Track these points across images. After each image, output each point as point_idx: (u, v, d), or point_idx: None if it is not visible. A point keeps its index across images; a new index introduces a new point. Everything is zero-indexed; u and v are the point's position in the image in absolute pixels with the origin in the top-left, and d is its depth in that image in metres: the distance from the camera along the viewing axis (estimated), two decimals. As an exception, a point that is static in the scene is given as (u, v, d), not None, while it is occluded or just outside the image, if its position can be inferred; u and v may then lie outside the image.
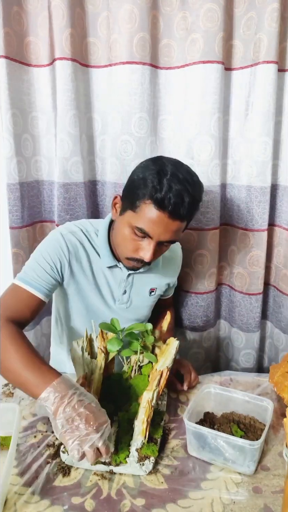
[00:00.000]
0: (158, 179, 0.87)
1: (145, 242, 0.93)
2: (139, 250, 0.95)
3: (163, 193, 0.86)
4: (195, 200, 0.91)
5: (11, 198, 1.30)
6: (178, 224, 0.91)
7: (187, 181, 0.89)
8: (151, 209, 0.88)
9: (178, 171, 0.89)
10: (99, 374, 0.91)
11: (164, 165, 0.90)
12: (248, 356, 1.51)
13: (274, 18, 1.18)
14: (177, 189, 0.87)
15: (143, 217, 0.90)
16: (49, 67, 1.27)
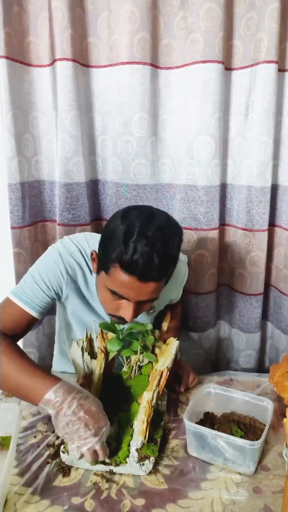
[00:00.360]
0: (123, 241, 0.80)
1: (124, 302, 0.88)
2: (120, 309, 0.90)
3: (128, 257, 0.79)
4: (166, 258, 0.83)
5: (12, 198, 1.30)
6: (153, 285, 0.84)
7: (156, 238, 0.81)
8: (119, 273, 0.83)
9: (146, 229, 0.81)
10: (99, 374, 0.91)
11: (131, 224, 0.82)
12: (248, 357, 1.51)
13: (274, 18, 1.18)
14: (144, 251, 0.79)
15: (115, 280, 0.84)
16: (50, 68, 1.28)
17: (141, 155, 1.31)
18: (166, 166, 1.38)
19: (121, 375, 0.98)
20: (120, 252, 0.80)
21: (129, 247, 0.80)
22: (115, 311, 0.91)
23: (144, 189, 1.36)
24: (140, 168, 1.33)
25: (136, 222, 0.83)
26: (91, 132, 1.36)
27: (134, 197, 1.36)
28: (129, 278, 0.82)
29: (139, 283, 0.82)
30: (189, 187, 1.35)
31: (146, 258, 0.79)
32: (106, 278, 0.87)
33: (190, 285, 1.45)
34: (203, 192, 1.33)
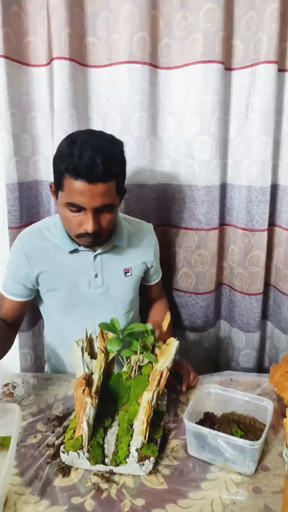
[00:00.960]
0: (68, 150, 0.90)
1: (83, 215, 0.95)
2: (82, 224, 0.96)
3: (74, 161, 0.88)
4: (109, 157, 0.90)
5: (10, 198, 1.30)
6: (102, 186, 0.91)
7: (97, 143, 0.90)
8: (70, 182, 0.90)
9: (88, 138, 0.92)
10: (99, 374, 0.91)
11: (74, 136, 0.94)
12: (248, 356, 1.51)
13: (274, 18, 1.18)
14: (87, 154, 0.88)
15: (68, 192, 0.92)
16: (47, 67, 1.27)
17: (141, 155, 1.31)
18: (165, 166, 1.38)
19: (121, 375, 0.98)
20: (67, 161, 0.89)
21: (74, 154, 0.88)
22: (78, 228, 0.97)
23: (143, 189, 1.36)
24: (140, 168, 1.33)
25: (78, 136, 0.94)
26: (90, 132, 1.36)
27: (133, 197, 1.36)
28: (79, 183, 0.89)
29: (88, 185, 0.89)
30: (189, 187, 1.35)
31: (88, 160, 0.87)
32: (62, 195, 0.95)
33: (190, 285, 1.45)
34: (203, 192, 1.33)
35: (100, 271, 1.11)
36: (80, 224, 0.96)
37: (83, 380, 0.88)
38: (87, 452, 0.81)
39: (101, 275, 1.11)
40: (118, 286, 1.14)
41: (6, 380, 1.12)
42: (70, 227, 0.99)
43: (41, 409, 1.00)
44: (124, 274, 1.15)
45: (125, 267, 1.15)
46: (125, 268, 1.15)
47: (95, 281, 1.11)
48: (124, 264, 1.14)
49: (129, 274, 1.16)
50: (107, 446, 0.84)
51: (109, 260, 1.12)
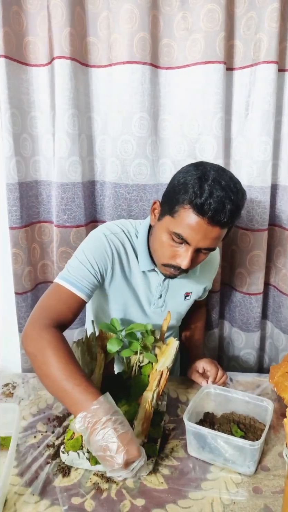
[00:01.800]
0: (199, 184, 0.85)
1: (182, 249, 0.91)
2: (176, 256, 0.92)
3: (203, 199, 0.84)
4: (237, 207, 0.88)
5: (10, 198, 1.30)
6: (218, 231, 0.88)
7: (229, 187, 0.86)
8: (189, 215, 0.86)
9: (220, 177, 0.87)
10: (99, 374, 0.91)
11: (206, 170, 0.89)
12: (248, 356, 1.51)
13: (274, 18, 1.18)
14: (218, 195, 0.84)
15: (182, 222, 0.88)
16: (48, 67, 1.27)
17: (141, 155, 1.31)
18: (166, 166, 1.38)
19: (121, 375, 0.98)
20: (195, 194, 0.85)
21: (204, 190, 0.85)
22: (170, 259, 0.94)
23: (143, 189, 1.36)
24: (141, 168, 1.33)
25: (210, 170, 0.89)
26: (89, 132, 1.36)
27: (134, 197, 1.36)
28: (199, 220, 0.86)
29: (207, 226, 0.86)
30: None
31: (219, 202, 0.84)
32: (172, 221, 0.90)
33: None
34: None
35: (165, 293, 1.11)
36: (175, 256, 0.93)
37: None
38: (87, 452, 0.81)
39: (164, 296, 1.11)
40: (176, 307, 1.14)
41: (6, 380, 1.12)
42: (162, 254, 0.95)
43: (41, 409, 1.01)
44: (184, 297, 1.15)
45: (187, 291, 1.14)
46: (187, 292, 1.15)
47: (157, 301, 1.11)
48: (187, 288, 1.14)
49: (188, 298, 1.16)
50: (107, 446, 0.83)
51: (175, 283, 1.11)
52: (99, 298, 1.13)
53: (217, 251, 1.24)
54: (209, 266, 1.18)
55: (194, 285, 1.15)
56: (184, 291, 1.14)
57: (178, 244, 0.91)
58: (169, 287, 1.11)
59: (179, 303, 1.15)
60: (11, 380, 1.12)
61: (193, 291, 1.16)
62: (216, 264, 1.23)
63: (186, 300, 1.16)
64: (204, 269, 1.16)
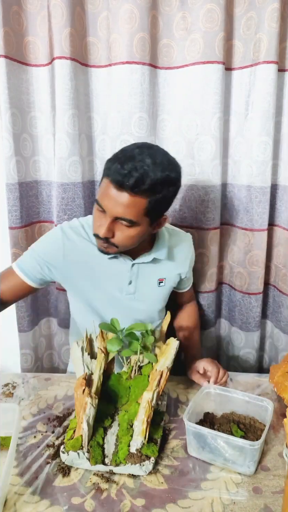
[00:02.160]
0: (119, 155, 0.90)
1: (104, 218, 0.93)
2: (98, 226, 0.95)
3: (113, 164, 0.88)
4: (145, 175, 0.86)
5: (10, 198, 1.30)
6: (127, 197, 0.88)
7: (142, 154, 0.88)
8: (104, 182, 0.91)
9: (140, 150, 0.89)
10: (99, 374, 0.91)
11: (130, 146, 0.93)
12: (248, 356, 1.51)
13: (274, 18, 1.18)
14: (127, 162, 0.86)
15: (100, 190, 0.93)
16: (48, 67, 1.27)
17: (141, 155, 1.31)
18: (166, 166, 1.38)
19: (121, 375, 0.98)
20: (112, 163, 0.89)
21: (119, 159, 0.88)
22: (96, 229, 0.96)
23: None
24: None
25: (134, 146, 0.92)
26: (89, 132, 1.36)
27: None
28: (109, 186, 0.89)
29: (115, 190, 0.88)
30: (189, 187, 1.35)
31: (125, 168, 0.86)
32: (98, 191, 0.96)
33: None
34: (203, 192, 1.33)
35: (135, 279, 1.11)
36: (98, 226, 0.95)
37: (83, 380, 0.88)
38: (87, 452, 0.81)
39: (135, 283, 1.11)
40: (150, 293, 1.14)
41: (6, 380, 1.12)
42: (93, 224, 0.98)
43: (41, 409, 1.01)
44: (158, 283, 1.14)
45: (159, 277, 1.14)
46: (160, 278, 1.14)
47: (128, 288, 1.11)
48: (159, 274, 1.14)
49: (162, 284, 1.15)
50: (107, 446, 0.84)
51: (146, 269, 1.11)
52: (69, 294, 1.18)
53: (186, 238, 1.21)
54: (179, 251, 1.16)
55: (166, 272, 1.15)
56: (157, 277, 1.14)
57: (101, 213, 0.94)
58: (139, 274, 1.11)
59: (152, 289, 1.14)
60: (11, 380, 1.12)
61: (166, 277, 1.15)
62: (187, 251, 1.20)
63: (161, 286, 1.15)
64: (174, 254, 1.15)
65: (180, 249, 1.17)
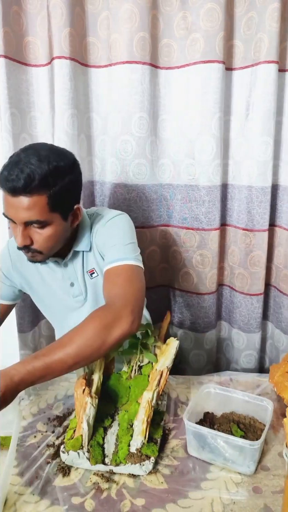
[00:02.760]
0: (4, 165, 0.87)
1: (17, 229, 0.90)
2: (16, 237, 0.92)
3: (2, 175, 0.85)
4: (34, 170, 0.84)
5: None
6: (26, 200, 0.85)
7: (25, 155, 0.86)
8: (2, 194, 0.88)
9: (22, 152, 0.87)
10: (99, 374, 0.91)
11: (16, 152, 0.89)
12: (249, 357, 1.51)
13: (274, 18, 1.18)
14: (8, 167, 0.85)
15: (3, 203, 0.90)
16: (48, 67, 1.27)
17: (141, 155, 1.31)
18: (166, 166, 1.38)
19: (121, 375, 0.98)
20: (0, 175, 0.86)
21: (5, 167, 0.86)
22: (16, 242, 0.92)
23: (143, 189, 1.36)
24: (140, 168, 1.33)
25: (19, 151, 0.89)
26: (89, 132, 1.36)
27: (133, 197, 1.36)
28: (6, 195, 0.87)
29: (12, 197, 0.86)
30: (190, 187, 1.35)
31: (8, 172, 0.84)
32: None
33: (192, 286, 1.45)
34: (204, 192, 1.33)
35: (75, 278, 1.06)
36: (16, 236, 0.92)
37: (83, 380, 0.88)
38: (87, 452, 0.81)
39: (77, 282, 1.06)
40: (93, 290, 1.07)
41: (6, 380, 1.12)
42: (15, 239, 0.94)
43: (41, 409, 1.01)
44: (90, 276, 1.06)
45: (89, 269, 1.06)
46: (89, 270, 1.06)
47: (73, 290, 1.07)
48: (87, 266, 1.06)
49: (95, 275, 1.06)
50: (107, 446, 0.84)
51: (77, 264, 1.05)
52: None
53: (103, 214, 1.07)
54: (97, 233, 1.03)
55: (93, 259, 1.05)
56: (87, 270, 1.06)
57: (14, 225, 0.91)
58: (77, 273, 1.05)
59: (91, 285, 1.06)
60: (11, 380, 1.12)
61: (95, 266, 1.05)
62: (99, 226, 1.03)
63: (94, 278, 1.05)
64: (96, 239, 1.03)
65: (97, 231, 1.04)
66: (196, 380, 1.12)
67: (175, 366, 0.92)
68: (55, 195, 0.88)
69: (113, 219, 1.03)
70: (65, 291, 1.08)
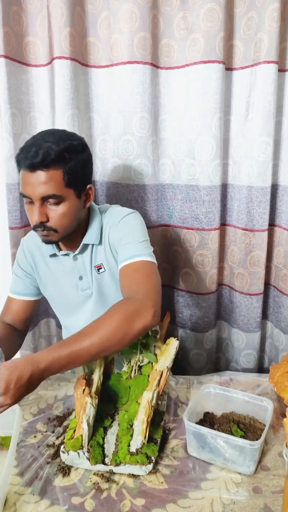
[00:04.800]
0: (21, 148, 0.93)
1: (33, 207, 0.94)
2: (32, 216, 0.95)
3: (20, 155, 0.91)
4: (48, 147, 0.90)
5: (10, 198, 1.30)
6: (43, 174, 0.90)
7: (40, 136, 0.93)
8: (20, 174, 0.94)
9: (37, 135, 0.95)
10: (99, 374, 0.91)
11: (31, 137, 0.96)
12: (249, 357, 1.51)
13: (274, 18, 1.18)
14: (27, 144, 0.92)
15: (20, 183, 0.95)
16: (48, 67, 1.27)
17: (142, 155, 1.31)
18: (166, 166, 1.38)
19: (121, 375, 0.98)
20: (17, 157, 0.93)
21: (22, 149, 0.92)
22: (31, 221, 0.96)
23: (144, 189, 1.36)
24: (141, 168, 1.33)
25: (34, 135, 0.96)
26: (89, 132, 1.36)
27: (135, 197, 1.36)
28: (22, 172, 0.92)
29: (30, 173, 0.91)
30: (190, 187, 1.35)
31: (27, 149, 0.90)
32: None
33: (192, 285, 1.45)
34: (204, 192, 1.33)
35: (84, 272, 1.07)
36: (31, 215, 0.95)
37: (83, 380, 0.88)
38: (87, 452, 0.81)
39: (86, 276, 1.08)
40: (99, 285, 1.08)
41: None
42: (29, 219, 0.97)
43: (41, 409, 1.01)
44: (97, 271, 1.07)
45: (96, 264, 1.07)
46: (97, 265, 1.07)
47: (81, 284, 1.08)
48: (95, 261, 1.07)
49: (102, 270, 1.07)
50: (107, 446, 0.84)
51: (87, 259, 1.07)
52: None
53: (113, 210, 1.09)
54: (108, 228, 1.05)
55: (102, 255, 1.06)
56: (95, 264, 1.07)
57: (30, 205, 0.95)
58: (85, 265, 1.07)
59: (98, 279, 1.08)
60: (11, 380, 1.12)
61: (103, 262, 1.06)
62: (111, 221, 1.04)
63: (101, 273, 1.07)
64: (106, 234, 1.05)
65: (107, 226, 1.05)
66: (196, 380, 1.12)
67: (177, 364, 0.92)
68: (70, 170, 0.93)
69: (127, 217, 1.05)
70: (73, 285, 1.09)
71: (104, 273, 1.08)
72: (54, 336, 1.57)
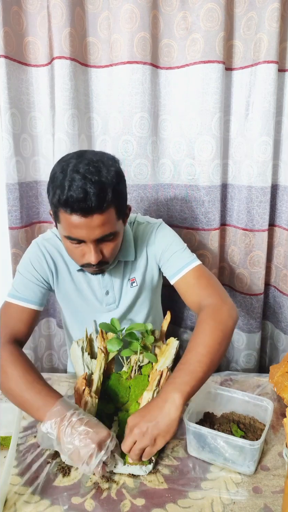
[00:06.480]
0: (59, 182, 0.82)
1: (84, 247, 0.88)
2: (84, 256, 0.90)
3: (65, 195, 0.80)
4: (102, 186, 0.81)
5: (10, 198, 1.30)
6: (99, 217, 0.83)
7: (88, 171, 0.81)
8: (65, 215, 0.83)
9: (79, 164, 0.82)
10: (99, 374, 0.91)
11: (65, 163, 0.84)
12: (249, 357, 1.51)
13: (274, 18, 1.18)
14: (77, 185, 0.79)
15: (65, 225, 0.85)
16: (48, 67, 1.28)
17: (142, 155, 1.31)
18: (166, 166, 1.38)
19: (121, 375, 0.98)
20: (58, 193, 0.81)
21: (64, 185, 0.80)
22: (82, 260, 0.91)
23: (144, 189, 1.36)
24: (141, 168, 1.33)
25: (70, 160, 0.84)
26: (89, 132, 1.36)
27: (135, 197, 1.36)
28: (74, 217, 0.82)
29: (84, 218, 0.82)
30: (190, 187, 1.35)
31: (80, 191, 0.79)
32: (60, 227, 0.88)
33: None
34: (204, 192, 1.33)
35: (111, 287, 1.06)
36: (83, 255, 0.90)
37: (83, 380, 0.88)
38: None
39: (112, 291, 1.07)
40: (128, 298, 1.08)
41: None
42: (74, 258, 0.93)
43: (41, 409, 1.00)
44: (130, 284, 1.07)
45: (130, 277, 1.07)
46: (131, 278, 1.07)
47: (107, 298, 1.07)
48: (130, 275, 1.07)
49: (135, 285, 1.08)
50: (107, 446, 0.83)
51: (118, 274, 1.06)
52: (60, 304, 1.14)
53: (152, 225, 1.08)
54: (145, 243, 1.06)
55: (136, 269, 1.06)
56: (128, 278, 1.07)
57: (79, 245, 0.88)
58: (113, 281, 1.05)
59: (128, 293, 1.08)
60: (11, 380, 1.12)
61: (136, 276, 1.07)
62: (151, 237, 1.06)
63: (133, 287, 1.07)
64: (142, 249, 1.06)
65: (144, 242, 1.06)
66: (196, 380, 1.12)
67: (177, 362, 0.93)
68: (120, 203, 0.88)
69: (160, 227, 1.08)
70: (98, 299, 1.07)
71: (136, 288, 1.08)
72: (54, 336, 1.57)
